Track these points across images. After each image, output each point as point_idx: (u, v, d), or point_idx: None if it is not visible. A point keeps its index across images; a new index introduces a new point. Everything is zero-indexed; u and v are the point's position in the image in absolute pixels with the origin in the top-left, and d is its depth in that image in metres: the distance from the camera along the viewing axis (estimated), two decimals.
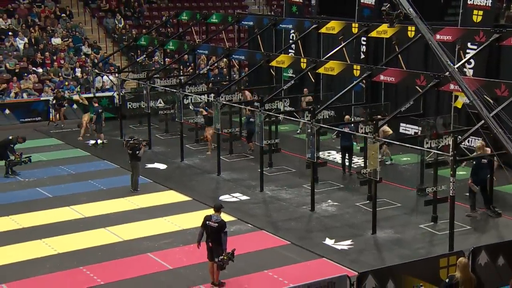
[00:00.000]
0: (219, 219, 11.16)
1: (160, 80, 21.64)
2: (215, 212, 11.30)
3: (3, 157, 17.68)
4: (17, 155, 17.78)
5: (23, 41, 26.97)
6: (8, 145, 17.75)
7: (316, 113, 15.10)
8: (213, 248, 11.12)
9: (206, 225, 11.18)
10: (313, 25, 19.42)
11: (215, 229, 11.08)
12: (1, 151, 17.69)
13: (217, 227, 11.07)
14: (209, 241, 11.17)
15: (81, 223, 14.42)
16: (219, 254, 11.06)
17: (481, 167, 14.32)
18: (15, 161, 17.68)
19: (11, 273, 11.87)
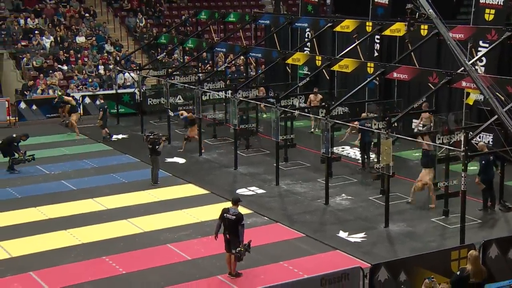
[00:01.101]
0: (237, 212, 11.17)
1: (180, 77, 21.67)
2: (232, 205, 11.31)
3: (7, 154, 17.58)
4: (21, 153, 17.61)
5: (49, 39, 27.16)
6: (11, 143, 17.60)
7: (330, 109, 15.03)
8: (230, 239, 11.12)
9: (224, 217, 11.18)
10: (328, 24, 19.31)
11: (232, 222, 11.08)
12: (5, 149, 17.60)
13: (234, 219, 11.07)
14: (227, 233, 11.18)
15: (103, 215, 14.50)
16: (236, 245, 11.07)
17: (489, 166, 14.12)
18: (19, 159, 17.54)
19: (38, 262, 11.97)
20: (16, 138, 17.75)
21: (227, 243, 11.21)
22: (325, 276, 9.31)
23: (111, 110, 24.28)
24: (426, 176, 14.24)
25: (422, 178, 14.35)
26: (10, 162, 17.54)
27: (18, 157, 17.56)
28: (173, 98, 21.18)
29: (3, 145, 17.64)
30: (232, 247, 11.12)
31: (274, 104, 16.37)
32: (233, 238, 11.11)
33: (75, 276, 11.40)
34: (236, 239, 11.08)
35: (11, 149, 17.58)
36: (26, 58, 25.80)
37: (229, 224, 11.13)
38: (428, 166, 14.33)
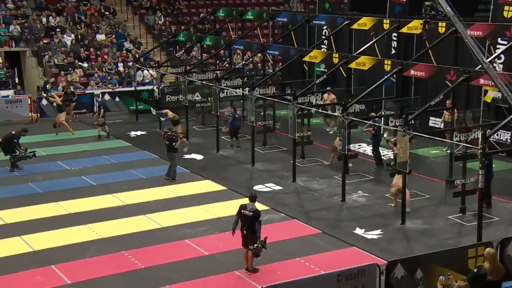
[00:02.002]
0: (254, 208, 11.17)
1: (197, 75, 21.72)
2: (250, 201, 11.31)
3: (8, 151, 17.34)
4: (22, 150, 17.40)
5: (70, 37, 27.38)
6: (12, 139, 17.32)
7: (347, 106, 14.97)
8: (247, 236, 11.14)
9: (241, 213, 11.20)
10: (345, 21, 19.23)
11: (250, 218, 11.09)
12: (6, 146, 17.38)
13: (252, 216, 11.08)
14: (244, 229, 11.19)
15: (122, 210, 14.58)
16: (253, 241, 11.07)
17: (490, 165, 13.83)
18: (20, 156, 17.31)
19: (59, 255, 12.09)
20: (15, 134, 17.47)
21: (244, 239, 11.23)
22: (341, 273, 9.27)
23: (130, 107, 24.48)
24: (399, 181, 13.97)
25: (396, 182, 14.12)
26: (12, 159, 17.31)
27: (18, 154, 17.31)
28: (191, 95, 21.24)
29: (4, 143, 17.46)
30: (249, 243, 11.13)
31: (291, 102, 16.33)
32: (250, 234, 11.12)
33: (95, 270, 11.48)
34: (253, 235, 11.08)
35: (12, 146, 17.32)
36: (48, 55, 26.04)
37: (246, 220, 11.14)
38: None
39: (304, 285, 9.10)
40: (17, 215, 14.18)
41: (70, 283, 11.06)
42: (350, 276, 9.25)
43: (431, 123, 19.98)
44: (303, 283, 9.14)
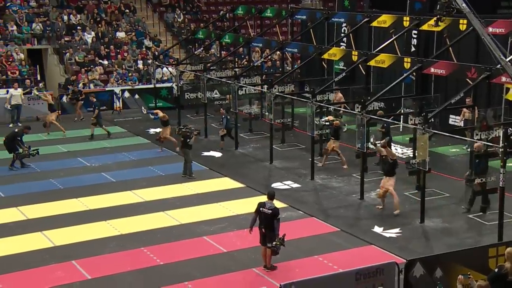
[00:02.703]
0: (273, 206, 11.15)
1: (216, 72, 21.74)
2: (268, 199, 11.29)
3: (12, 149, 17.40)
4: (25, 147, 17.47)
5: (91, 35, 27.57)
6: (15, 138, 17.40)
7: (366, 104, 14.87)
8: (266, 233, 11.12)
9: (260, 211, 11.18)
10: (365, 19, 19.08)
11: (268, 216, 11.07)
12: (10, 144, 17.42)
13: (270, 213, 11.06)
14: (262, 227, 11.18)
15: (141, 207, 14.66)
16: (271, 239, 11.06)
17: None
18: (23, 154, 17.38)
19: (80, 251, 12.19)
20: (18, 132, 17.58)
21: (263, 237, 11.22)
22: (360, 271, 9.22)
23: (149, 104, 24.60)
24: (386, 183, 13.89)
25: (383, 185, 14.01)
26: (14, 157, 17.35)
27: (22, 152, 17.36)
28: (210, 93, 21.27)
29: (7, 141, 17.49)
30: (268, 241, 11.11)
31: (310, 99, 16.27)
32: (268, 232, 11.10)
33: (115, 266, 11.57)
34: (272, 233, 11.06)
35: (15, 144, 17.37)
36: (69, 53, 26.26)
37: (265, 218, 11.12)
38: (389, 174, 13.95)
39: (322, 283, 9.06)
40: (39, 210, 14.33)
41: (90, 278, 11.15)
42: (368, 275, 9.19)
43: (451, 121, 19.78)
44: (322, 281, 9.11)
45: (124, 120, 23.38)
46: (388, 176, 13.97)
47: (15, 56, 25.31)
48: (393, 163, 14.01)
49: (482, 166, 13.44)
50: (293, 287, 8.72)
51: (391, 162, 14.00)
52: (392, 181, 13.96)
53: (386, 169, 14.08)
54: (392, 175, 13.97)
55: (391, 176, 13.97)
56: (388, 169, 14.01)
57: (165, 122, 18.90)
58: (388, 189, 13.91)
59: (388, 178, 13.96)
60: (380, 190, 14.13)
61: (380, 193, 14.14)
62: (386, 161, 14.15)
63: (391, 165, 13.99)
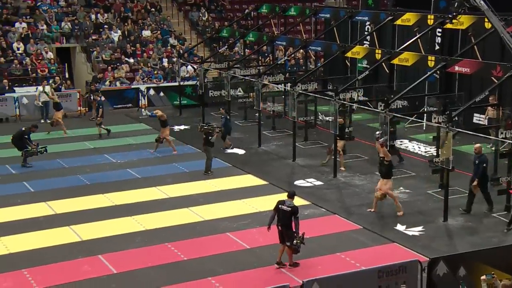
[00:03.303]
0: (292, 204, 11.10)
1: (240, 70, 21.75)
2: (288, 198, 11.23)
3: (20, 147, 17.38)
4: (33, 145, 17.43)
5: (117, 33, 27.81)
6: (22, 136, 17.36)
7: (389, 102, 14.75)
8: (283, 231, 11.05)
9: (279, 208, 11.12)
10: (389, 17, 18.94)
11: (287, 213, 11.00)
12: (18, 143, 17.40)
13: (290, 211, 11.00)
14: (279, 224, 11.09)
15: (166, 203, 14.75)
16: (290, 237, 10.97)
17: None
18: (32, 151, 17.33)
19: (106, 246, 12.32)
20: (25, 131, 17.51)
21: (280, 235, 11.15)
22: (382, 269, 9.16)
23: (174, 102, 24.75)
24: (384, 186, 13.59)
25: (380, 187, 13.69)
26: (23, 155, 17.32)
27: (30, 150, 17.34)
28: (234, 91, 21.30)
29: (15, 140, 17.47)
30: (286, 239, 11.03)
31: (333, 97, 16.20)
32: (285, 230, 11.02)
33: (140, 261, 11.66)
34: (289, 231, 10.97)
35: (23, 142, 17.36)
36: (96, 51, 26.52)
37: (283, 216, 11.05)
38: (385, 176, 13.63)
39: (344, 280, 9.03)
40: (66, 205, 14.51)
41: (116, 272, 11.26)
42: (391, 272, 9.14)
43: (475, 119, 19.51)
44: (344, 278, 9.08)
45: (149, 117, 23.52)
46: (385, 178, 13.61)
47: (45, 54, 25.66)
48: (389, 165, 13.65)
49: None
50: (315, 284, 8.71)
51: (387, 164, 13.63)
52: (390, 184, 13.62)
53: (383, 172, 13.70)
54: (389, 177, 13.62)
55: (388, 178, 13.61)
56: (385, 171, 13.64)
57: (163, 122, 18.65)
58: (386, 192, 13.57)
59: (385, 180, 13.60)
60: (377, 192, 13.70)
61: (377, 196, 13.70)
62: (383, 163, 13.74)
63: (387, 167, 13.63)
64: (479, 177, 13.45)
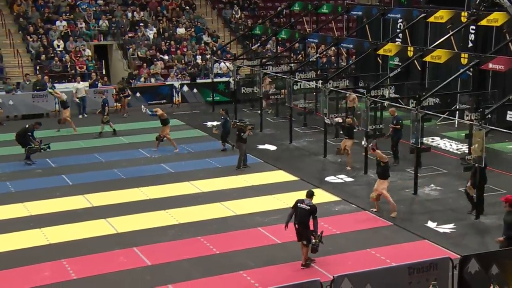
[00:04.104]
0: (311, 203, 10.95)
1: (272, 67, 21.73)
2: (307, 197, 11.10)
3: (24, 144, 17.33)
4: (37, 142, 17.38)
5: (153, 31, 28.08)
6: (25, 133, 17.29)
7: (421, 100, 14.56)
8: (299, 230, 10.93)
9: (297, 207, 10.97)
10: (422, 14, 18.66)
11: (306, 212, 10.85)
12: (21, 140, 17.34)
13: (308, 210, 10.85)
14: (296, 223, 10.95)
15: (199, 197, 14.84)
16: (306, 236, 10.84)
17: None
18: (35, 148, 17.29)
19: (140, 238, 12.46)
20: (29, 128, 17.42)
21: (297, 233, 11.02)
22: (413, 265, 9.07)
23: (207, 98, 24.86)
24: (380, 186, 13.32)
25: (376, 188, 13.42)
26: (26, 151, 17.28)
27: (34, 146, 17.28)
28: None
29: (19, 137, 17.40)
30: (303, 238, 10.88)
31: (364, 94, 16.06)
32: (302, 229, 10.88)
33: (173, 254, 11.77)
34: (306, 230, 10.83)
35: (26, 140, 17.29)
36: (132, 48, 26.82)
37: (300, 214, 10.89)
38: (382, 177, 13.36)
39: (375, 276, 8.96)
40: (103, 198, 14.73)
41: (150, 264, 11.39)
42: (422, 269, 9.04)
43: (508, 117, 19.11)
44: (374, 274, 9.01)
45: (182, 113, 23.71)
46: (382, 179, 13.39)
47: (83, 52, 26.07)
48: (384, 167, 13.39)
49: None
50: (346, 279, 8.67)
51: (383, 166, 13.38)
52: (385, 184, 13.38)
53: (380, 172, 13.46)
54: (385, 178, 13.38)
55: (385, 179, 13.38)
56: (381, 172, 13.41)
57: (164, 121, 18.40)
58: (381, 192, 13.33)
59: (381, 181, 13.37)
60: (373, 193, 13.47)
61: (373, 196, 13.47)
62: (379, 164, 13.47)
63: (383, 168, 13.38)
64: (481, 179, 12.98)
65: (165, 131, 18.47)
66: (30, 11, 27.26)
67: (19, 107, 22.22)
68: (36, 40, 25.70)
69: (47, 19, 27.12)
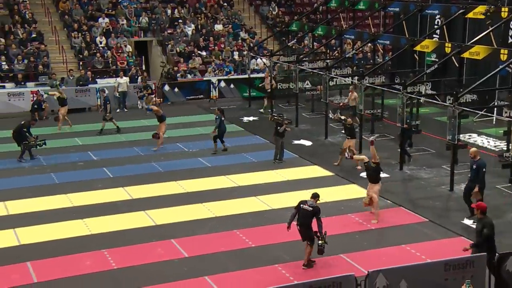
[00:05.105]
0: (314, 205, 10.77)
1: (308, 63, 21.62)
2: (311, 198, 10.94)
3: (19, 142, 17.25)
4: (33, 138, 17.30)
5: (191, 27, 28.26)
6: (21, 129, 17.18)
7: (459, 96, 14.27)
8: (301, 231, 10.77)
9: (300, 208, 10.78)
10: (460, 10, 18.26)
11: (308, 213, 10.67)
12: (17, 137, 17.24)
13: (311, 211, 10.67)
14: (298, 224, 10.77)
15: (234, 191, 14.90)
16: (309, 237, 10.67)
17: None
18: (31, 144, 17.21)
19: (178, 230, 12.59)
20: (24, 124, 17.33)
21: (300, 234, 10.83)
22: (449, 262, 8.92)
23: (244, 94, 24.91)
24: (370, 190, 12.77)
25: (368, 191, 12.85)
26: (22, 147, 17.18)
27: (29, 142, 17.19)
28: (302, 83, 21.22)
29: (15, 133, 17.30)
30: (307, 238, 10.69)
31: (400, 91, 15.83)
32: (304, 230, 10.70)
33: (210, 246, 11.85)
34: (308, 231, 10.67)
35: (22, 136, 17.20)
36: (171, 44, 27.06)
37: (302, 216, 10.72)
38: (373, 181, 12.77)
39: (410, 271, 8.85)
40: (142, 191, 14.93)
41: (187, 256, 11.50)
42: (458, 266, 8.89)
43: None
44: (410, 270, 8.90)
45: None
46: (373, 183, 12.82)
47: (124, 48, 26.43)
48: (376, 168, 12.82)
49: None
50: (380, 274, 8.59)
51: (374, 167, 12.82)
52: (377, 187, 12.79)
53: (370, 175, 12.91)
54: (376, 182, 12.80)
55: (376, 182, 12.81)
56: (372, 175, 12.86)
57: (160, 118, 18.15)
58: (371, 195, 12.69)
59: (372, 185, 12.81)
60: (365, 198, 12.88)
61: (365, 202, 12.88)
62: (368, 166, 12.92)
63: (375, 170, 12.84)
64: (480, 183, 12.49)
65: (161, 128, 18.19)
66: (75, 8, 27.77)
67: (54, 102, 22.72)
68: (79, 37, 26.18)
69: (90, 16, 27.60)
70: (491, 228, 9.39)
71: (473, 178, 12.57)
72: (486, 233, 9.28)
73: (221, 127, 17.91)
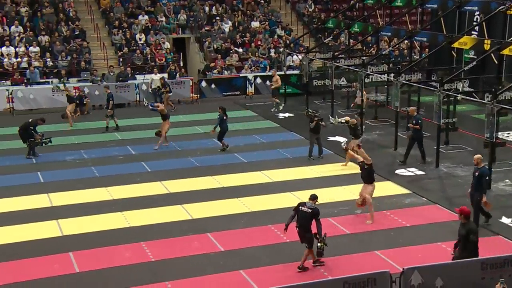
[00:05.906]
0: (313, 206, 10.57)
1: (344, 60, 21.43)
2: (310, 200, 10.73)
3: (24, 139, 17.25)
4: (39, 136, 17.33)
5: (228, 24, 28.36)
6: (28, 127, 17.18)
7: (497, 93, 13.93)
8: (300, 233, 10.60)
9: (299, 209, 10.58)
10: (500, 7, 17.81)
11: (307, 215, 10.48)
12: (23, 134, 17.23)
13: (310, 213, 10.47)
14: (297, 226, 10.60)
15: (269, 187, 14.90)
16: (308, 240, 10.49)
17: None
18: (36, 142, 17.24)
19: (214, 224, 12.68)
20: (32, 122, 17.32)
21: (299, 236, 10.66)
22: (486, 261, 8.75)
23: (280, 90, 24.85)
24: (364, 191, 12.37)
25: (362, 192, 12.45)
26: (28, 145, 17.21)
27: (35, 140, 17.22)
28: (337, 80, 21.06)
29: (21, 131, 17.29)
30: (305, 241, 10.52)
31: (437, 88, 15.55)
32: (303, 232, 10.51)
33: (245, 240, 11.90)
34: (307, 233, 10.48)
35: (28, 134, 17.20)
36: (208, 41, 27.21)
37: (302, 217, 10.52)
38: (366, 181, 12.38)
39: (446, 269, 8.72)
40: (179, 185, 15.07)
41: (223, 250, 11.56)
42: (495, 265, 8.72)
43: None
44: (445, 268, 8.76)
45: (255, 104, 23.84)
46: (367, 183, 12.48)
47: (162, 44, 26.71)
48: (369, 169, 12.50)
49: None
50: (416, 272, 8.47)
51: (367, 168, 12.49)
52: (370, 188, 12.43)
53: (364, 176, 12.56)
54: (370, 182, 12.46)
55: (370, 183, 12.46)
56: (366, 176, 12.52)
57: (164, 116, 17.97)
58: (365, 197, 12.37)
59: (366, 185, 12.46)
60: (358, 198, 12.60)
61: (358, 202, 12.59)
62: (362, 167, 12.60)
63: (368, 171, 12.49)
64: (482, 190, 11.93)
65: (164, 126, 18.12)
66: (116, 6, 28.20)
67: (104, 97, 23.05)
68: (119, 34, 26.57)
69: (131, 13, 27.98)
70: (476, 234, 9.24)
71: (476, 185, 12.00)
72: (473, 239, 9.11)
73: (223, 126, 17.74)
